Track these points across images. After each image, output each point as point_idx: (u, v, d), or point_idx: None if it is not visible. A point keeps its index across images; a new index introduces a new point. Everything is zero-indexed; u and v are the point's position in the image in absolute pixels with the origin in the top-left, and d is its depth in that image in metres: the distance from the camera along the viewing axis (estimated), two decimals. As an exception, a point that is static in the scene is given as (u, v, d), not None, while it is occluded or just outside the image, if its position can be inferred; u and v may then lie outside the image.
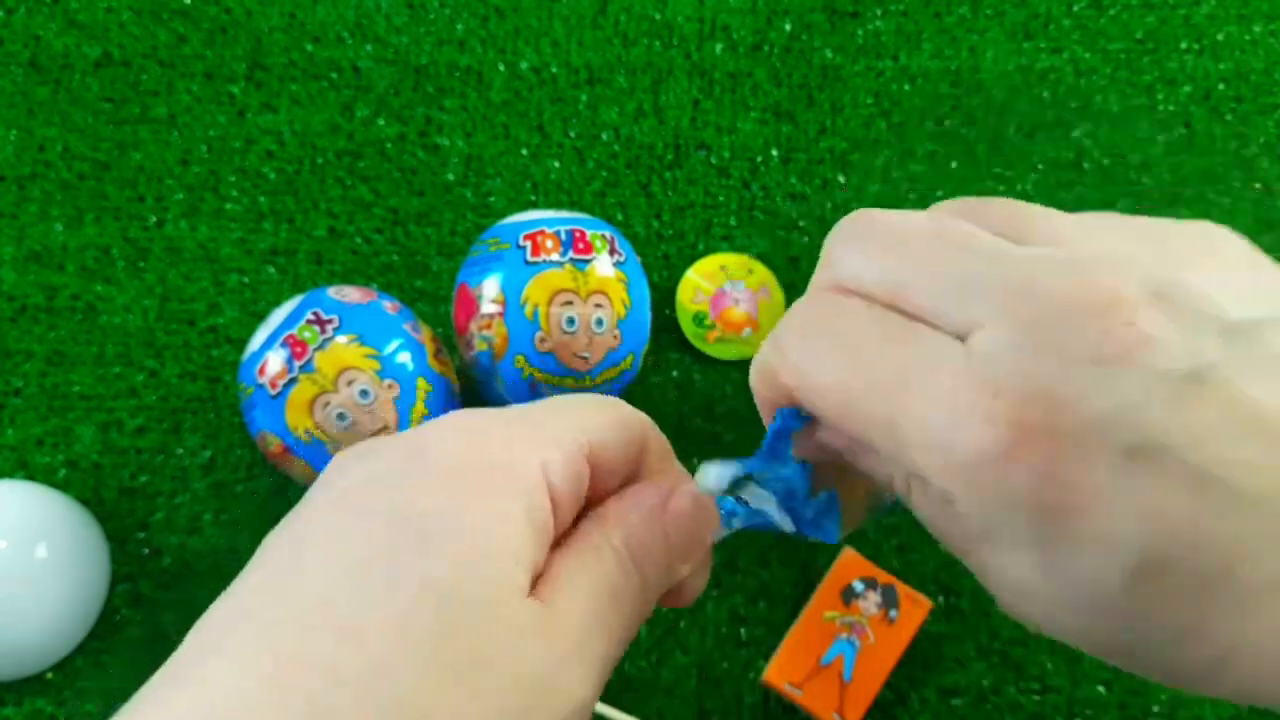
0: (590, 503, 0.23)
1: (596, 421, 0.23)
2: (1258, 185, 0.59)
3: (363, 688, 0.17)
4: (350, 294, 0.48)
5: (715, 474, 0.24)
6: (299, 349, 0.45)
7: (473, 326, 0.48)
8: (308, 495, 0.22)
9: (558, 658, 0.19)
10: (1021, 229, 0.19)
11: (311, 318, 0.46)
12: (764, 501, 0.24)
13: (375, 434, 0.45)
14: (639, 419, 0.24)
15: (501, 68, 0.61)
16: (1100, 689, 0.50)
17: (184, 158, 0.59)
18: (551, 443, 0.21)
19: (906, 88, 0.61)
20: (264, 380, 0.45)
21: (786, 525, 0.24)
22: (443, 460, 0.20)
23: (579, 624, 0.20)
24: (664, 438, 0.25)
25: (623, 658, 0.44)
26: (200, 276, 0.57)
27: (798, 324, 0.21)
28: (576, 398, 0.24)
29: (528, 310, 0.46)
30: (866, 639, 0.47)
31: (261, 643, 0.17)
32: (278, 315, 0.47)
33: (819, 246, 0.64)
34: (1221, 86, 0.61)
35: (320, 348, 0.45)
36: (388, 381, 0.45)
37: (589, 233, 0.49)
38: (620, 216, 0.58)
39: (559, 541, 0.22)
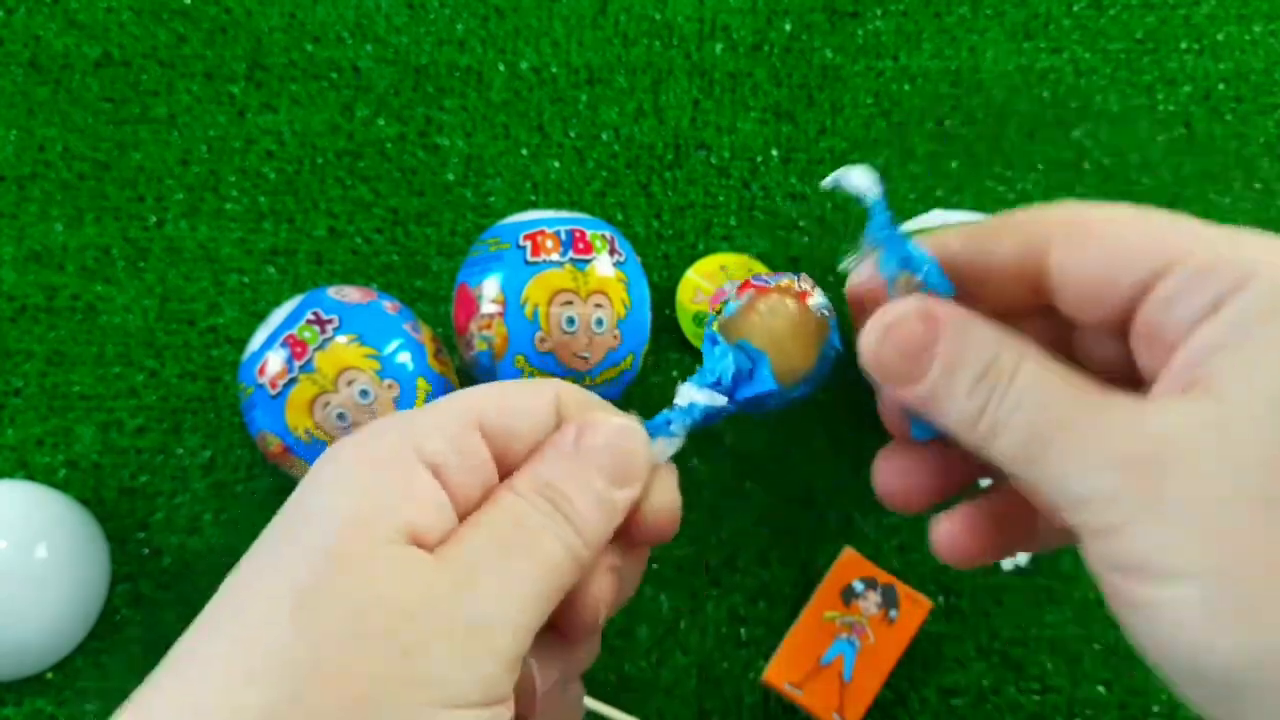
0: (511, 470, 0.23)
1: (484, 399, 0.23)
2: (1258, 185, 0.59)
3: (249, 648, 0.19)
4: (350, 294, 0.48)
5: (678, 396, 0.24)
6: (299, 349, 0.45)
7: (473, 326, 0.48)
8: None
9: (436, 591, 0.20)
10: None
11: (311, 318, 0.46)
12: (691, 395, 0.24)
13: (375, 434, 0.45)
14: (546, 384, 0.24)
15: (501, 68, 0.61)
16: (1100, 689, 0.50)
17: (184, 158, 0.59)
18: (429, 426, 0.22)
19: (906, 88, 0.61)
20: (264, 380, 0.45)
21: (719, 400, 0.24)
22: (329, 475, 0.22)
23: (467, 560, 0.20)
24: (586, 393, 0.25)
25: (622, 659, 0.44)
26: (200, 276, 0.57)
27: None
28: (474, 388, 0.24)
29: (528, 310, 0.46)
30: (866, 639, 0.47)
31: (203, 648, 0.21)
32: (278, 315, 0.48)
33: (819, 246, 0.63)
34: (1221, 86, 0.61)
35: (320, 348, 0.45)
36: (388, 381, 0.45)
37: (589, 233, 0.49)
38: (620, 216, 0.59)
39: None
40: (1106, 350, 0.23)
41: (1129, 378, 0.22)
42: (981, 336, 0.21)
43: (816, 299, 0.26)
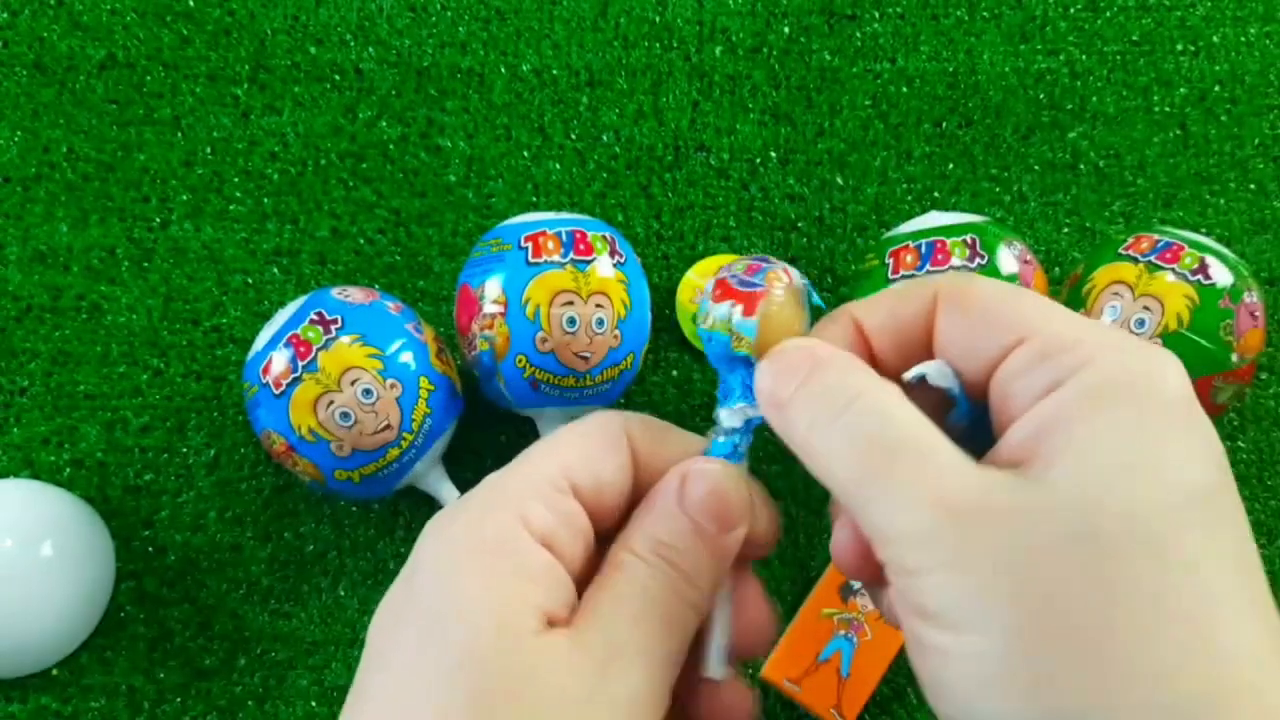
0: (614, 528, 0.24)
1: (568, 453, 0.23)
2: (1252, 186, 0.60)
3: (395, 712, 0.20)
4: (353, 294, 0.48)
5: (726, 419, 0.25)
6: (303, 349, 0.46)
7: (474, 327, 0.48)
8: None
9: (589, 672, 0.20)
10: None
11: (315, 318, 0.47)
12: (740, 414, 0.25)
13: (378, 433, 0.46)
14: (615, 425, 0.24)
15: (503, 70, 0.61)
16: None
17: (188, 159, 0.59)
18: (529, 495, 0.22)
19: (904, 90, 0.61)
20: (268, 379, 0.46)
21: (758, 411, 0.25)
22: (448, 566, 0.22)
23: (606, 638, 0.21)
24: (651, 421, 0.25)
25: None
26: (204, 277, 0.57)
27: None
28: (550, 439, 0.24)
29: (529, 310, 0.47)
30: (864, 635, 0.48)
31: None
32: (281, 315, 0.48)
33: (817, 247, 0.64)
34: (1217, 88, 0.62)
35: (324, 347, 0.46)
36: (390, 381, 0.46)
37: (590, 234, 0.49)
38: (620, 218, 0.59)
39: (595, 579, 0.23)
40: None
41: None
42: (846, 364, 0.23)
43: (795, 278, 0.26)
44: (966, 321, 0.22)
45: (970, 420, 0.23)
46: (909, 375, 0.23)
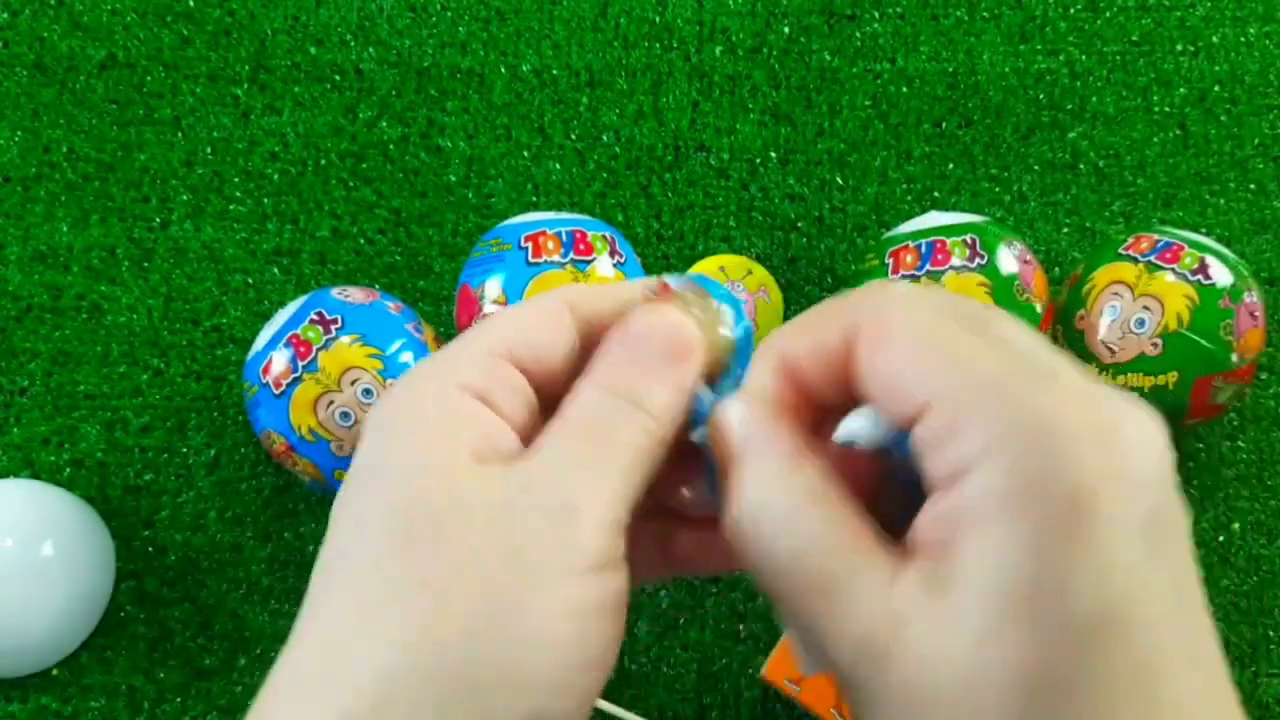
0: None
1: (504, 330, 0.23)
2: (1252, 186, 0.60)
3: (342, 571, 0.21)
4: (353, 294, 0.48)
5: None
6: (303, 349, 0.46)
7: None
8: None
9: (513, 485, 0.21)
10: None
11: (315, 318, 0.47)
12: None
13: (378, 433, 0.46)
14: (554, 300, 0.24)
15: (503, 70, 0.61)
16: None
17: (188, 159, 0.59)
18: (462, 361, 0.23)
19: (904, 90, 0.62)
20: (268, 379, 0.46)
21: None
22: (388, 425, 0.22)
23: (538, 460, 0.21)
24: (591, 289, 0.25)
25: (623, 655, 0.45)
26: (205, 277, 0.57)
27: None
28: (485, 320, 0.24)
29: (529, 310, 0.47)
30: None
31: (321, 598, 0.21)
32: (282, 315, 0.48)
33: (817, 247, 0.64)
34: (1216, 88, 0.62)
35: (324, 348, 0.46)
36: (390, 381, 0.46)
37: (590, 234, 0.49)
38: (620, 218, 0.59)
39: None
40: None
41: None
42: (758, 460, 0.22)
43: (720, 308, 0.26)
44: (877, 372, 0.21)
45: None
46: (839, 437, 0.22)
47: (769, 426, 0.22)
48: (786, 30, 0.63)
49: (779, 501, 0.21)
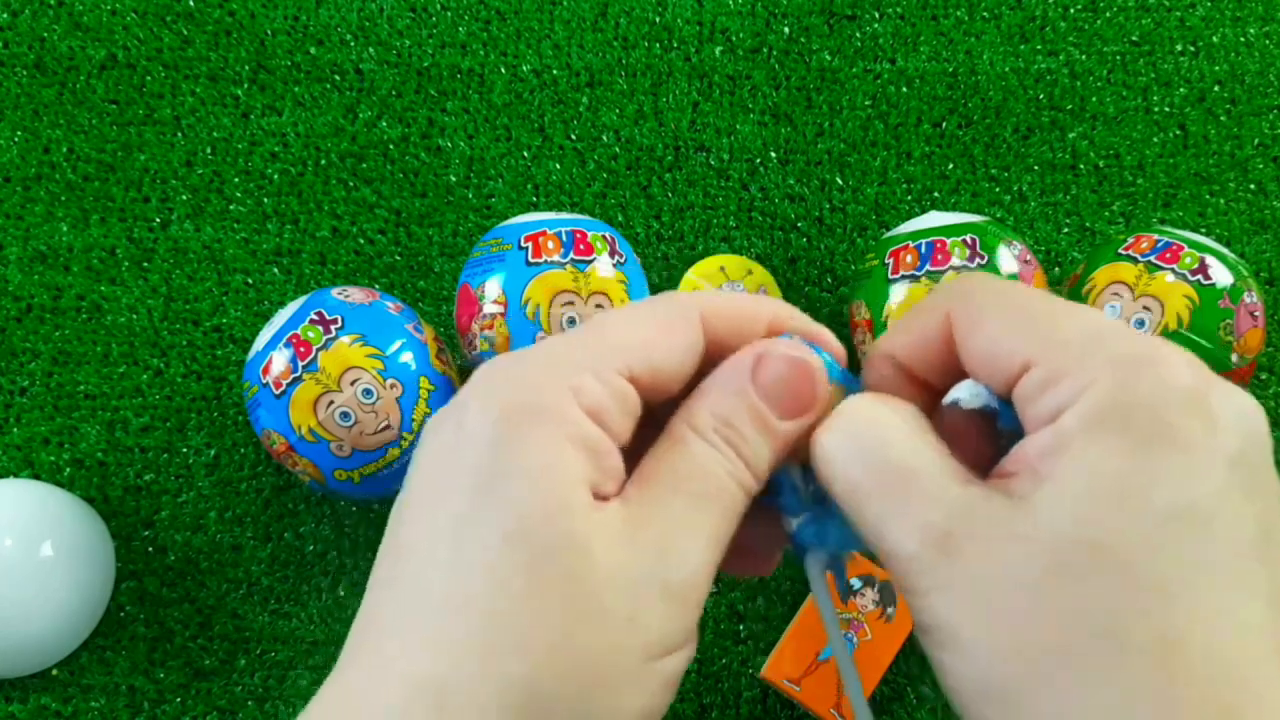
0: (672, 402, 0.24)
1: (629, 339, 0.23)
2: (1252, 186, 0.60)
3: (471, 622, 0.20)
4: (353, 294, 0.48)
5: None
6: (303, 349, 0.46)
7: (475, 326, 0.48)
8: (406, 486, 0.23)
9: (646, 552, 0.21)
10: None
11: (315, 318, 0.47)
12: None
13: (378, 433, 0.46)
14: (688, 311, 0.23)
15: (503, 70, 0.61)
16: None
17: (188, 159, 0.59)
18: (580, 368, 0.22)
19: (904, 90, 0.62)
20: (268, 379, 0.46)
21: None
22: (483, 417, 0.21)
23: (664, 518, 0.21)
24: (732, 299, 0.24)
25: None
26: (205, 277, 0.57)
27: None
28: (617, 314, 0.23)
29: (529, 311, 0.47)
30: (864, 635, 0.48)
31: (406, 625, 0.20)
32: (282, 315, 0.48)
33: (817, 247, 0.64)
34: (1216, 89, 0.62)
35: (324, 348, 0.46)
36: (390, 381, 0.46)
37: (590, 234, 0.49)
38: (620, 218, 0.59)
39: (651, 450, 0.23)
40: None
41: None
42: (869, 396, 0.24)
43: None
44: (981, 349, 0.22)
45: (1016, 428, 0.23)
46: (946, 401, 0.23)
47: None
48: (786, 30, 0.63)
49: (875, 409, 0.23)
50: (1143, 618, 0.18)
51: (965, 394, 0.23)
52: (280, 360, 0.46)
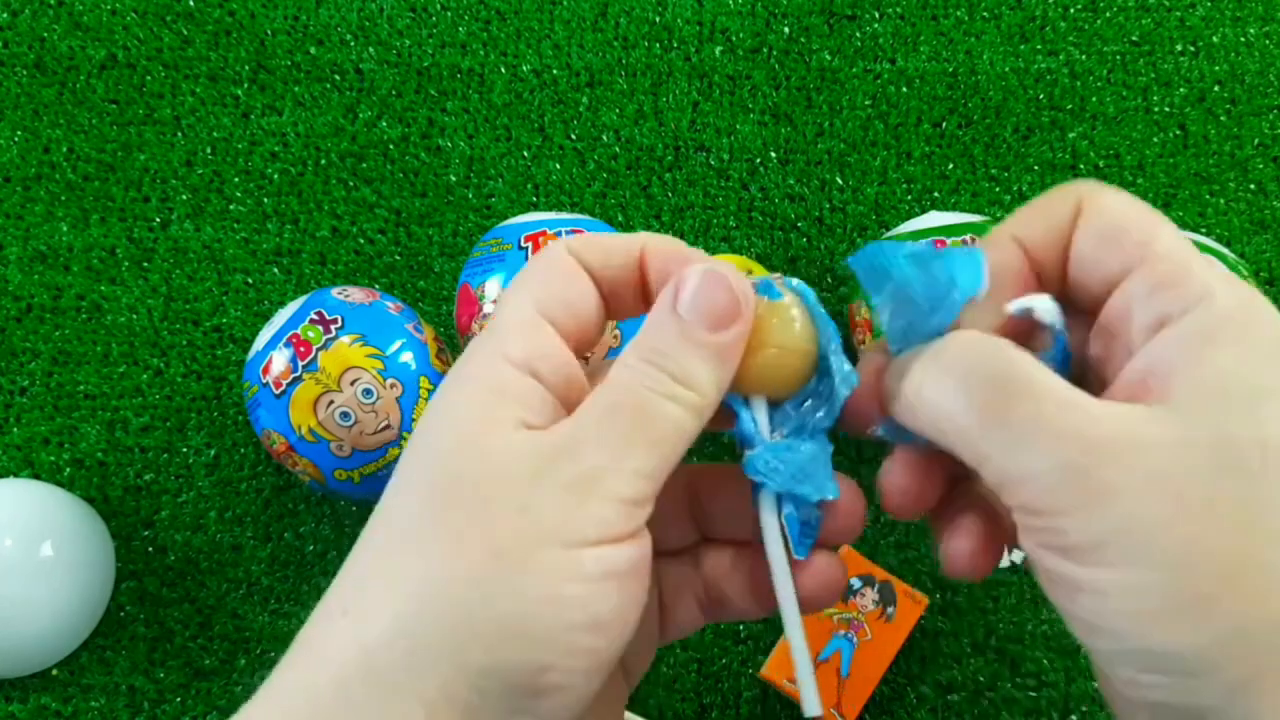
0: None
1: (538, 289, 0.24)
2: (1252, 186, 0.60)
3: (381, 525, 0.22)
4: (353, 294, 0.48)
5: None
6: (303, 349, 0.46)
7: (475, 326, 0.48)
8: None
9: (541, 455, 0.21)
10: None
11: (315, 318, 0.47)
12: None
13: (378, 433, 0.46)
14: (559, 251, 0.25)
15: (503, 70, 0.61)
16: (1095, 685, 0.51)
17: (189, 159, 0.59)
18: (506, 333, 0.23)
19: (904, 90, 0.62)
20: (268, 379, 0.46)
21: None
22: (441, 403, 0.24)
23: (571, 430, 0.22)
24: (665, 239, 0.26)
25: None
26: (205, 277, 0.57)
27: None
28: (515, 282, 0.25)
29: (529, 310, 0.47)
30: (864, 635, 0.48)
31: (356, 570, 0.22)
32: (282, 315, 0.48)
33: (817, 247, 0.63)
34: (1216, 88, 0.62)
35: (324, 347, 0.46)
36: (390, 381, 0.46)
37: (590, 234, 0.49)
38: (620, 218, 0.59)
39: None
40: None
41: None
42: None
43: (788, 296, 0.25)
44: (1097, 238, 0.23)
45: (1060, 364, 0.23)
46: (1014, 307, 0.23)
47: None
48: (786, 30, 0.63)
49: (988, 339, 0.22)
50: None
51: (1041, 306, 0.23)
52: (280, 360, 0.46)
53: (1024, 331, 0.24)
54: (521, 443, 0.22)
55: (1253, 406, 0.19)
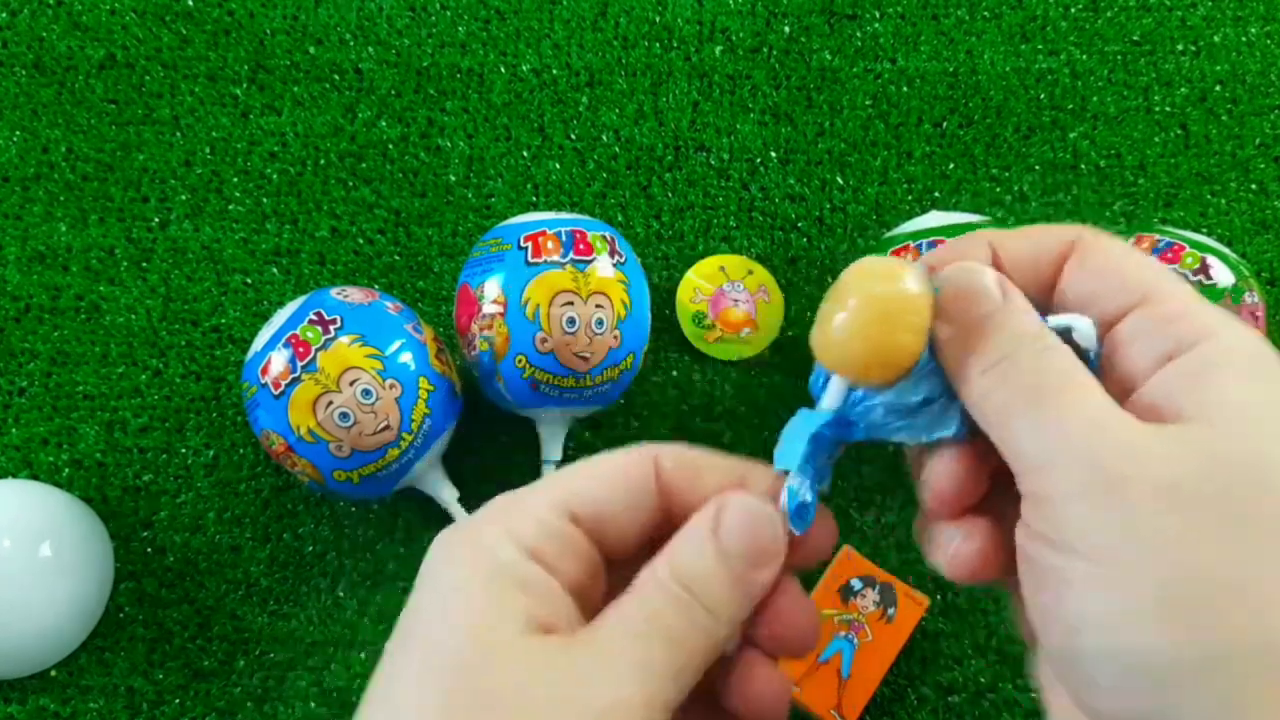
0: (638, 558, 0.24)
1: (574, 484, 0.24)
2: (1253, 186, 0.60)
3: None
4: (353, 294, 0.48)
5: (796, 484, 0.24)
6: (302, 349, 0.46)
7: (474, 327, 0.48)
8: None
9: (567, 678, 0.21)
10: None
11: (314, 318, 0.46)
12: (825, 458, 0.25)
13: (377, 434, 0.46)
14: (639, 457, 0.24)
15: (503, 70, 0.61)
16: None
17: (187, 159, 0.59)
18: (524, 516, 0.23)
19: (904, 90, 0.61)
20: (267, 380, 0.46)
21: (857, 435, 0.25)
22: (442, 581, 0.23)
23: (598, 649, 0.21)
24: (686, 451, 0.25)
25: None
26: (204, 277, 0.57)
27: None
28: (568, 467, 0.24)
29: (529, 310, 0.47)
30: (864, 636, 0.48)
31: None
32: (281, 315, 0.48)
33: (817, 247, 0.63)
34: (1218, 88, 0.62)
35: (323, 348, 0.45)
36: (390, 381, 0.46)
37: (589, 234, 0.49)
38: (620, 218, 0.59)
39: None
40: None
41: None
42: (1019, 302, 0.24)
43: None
44: (1096, 275, 0.24)
45: None
46: (1053, 322, 0.24)
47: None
48: (786, 30, 0.62)
49: (1037, 320, 0.23)
50: None
51: (1081, 327, 0.23)
52: (279, 360, 0.46)
53: None
54: (542, 659, 0.21)
55: (1263, 430, 0.20)
